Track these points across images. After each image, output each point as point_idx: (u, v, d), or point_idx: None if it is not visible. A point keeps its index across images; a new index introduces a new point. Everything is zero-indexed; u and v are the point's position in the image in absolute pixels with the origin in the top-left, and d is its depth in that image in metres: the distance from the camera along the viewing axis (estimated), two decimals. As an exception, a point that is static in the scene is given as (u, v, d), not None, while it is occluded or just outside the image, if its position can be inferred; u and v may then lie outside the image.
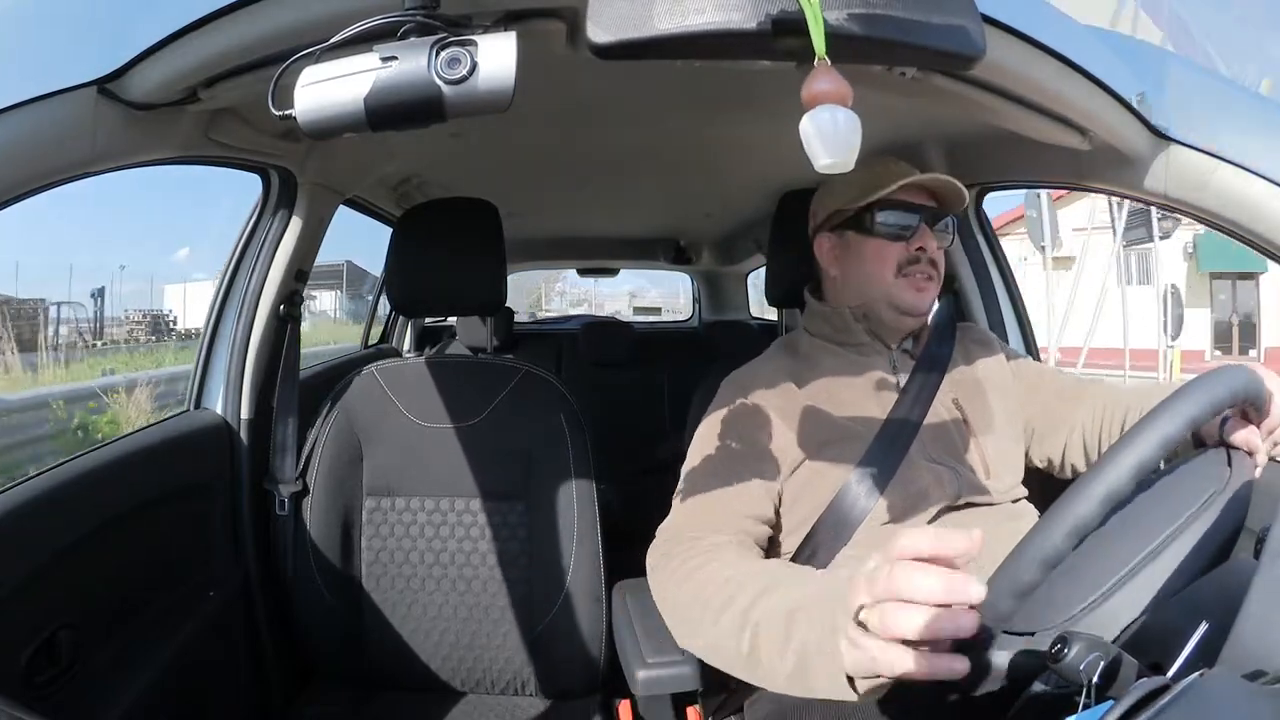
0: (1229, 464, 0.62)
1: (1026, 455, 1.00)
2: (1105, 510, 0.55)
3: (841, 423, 0.90)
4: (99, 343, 9.97)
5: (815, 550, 0.86)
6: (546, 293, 17.54)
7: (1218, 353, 12.98)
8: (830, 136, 0.48)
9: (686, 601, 0.73)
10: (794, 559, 0.87)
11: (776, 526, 0.90)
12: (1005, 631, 0.58)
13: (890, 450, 0.87)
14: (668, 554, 0.81)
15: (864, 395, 0.92)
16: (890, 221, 0.92)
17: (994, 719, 0.65)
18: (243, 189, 1.23)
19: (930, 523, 0.86)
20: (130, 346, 9.83)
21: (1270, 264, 0.78)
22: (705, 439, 0.94)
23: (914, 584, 0.48)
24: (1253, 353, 12.77)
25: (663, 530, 0.88)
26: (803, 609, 0.60)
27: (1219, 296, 13.41)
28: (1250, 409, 0.67)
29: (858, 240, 0.95)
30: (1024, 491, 0.94)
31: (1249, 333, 13.33)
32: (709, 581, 0.71)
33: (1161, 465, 0.61)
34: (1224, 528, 0.59)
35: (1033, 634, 0.60)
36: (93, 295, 10.81)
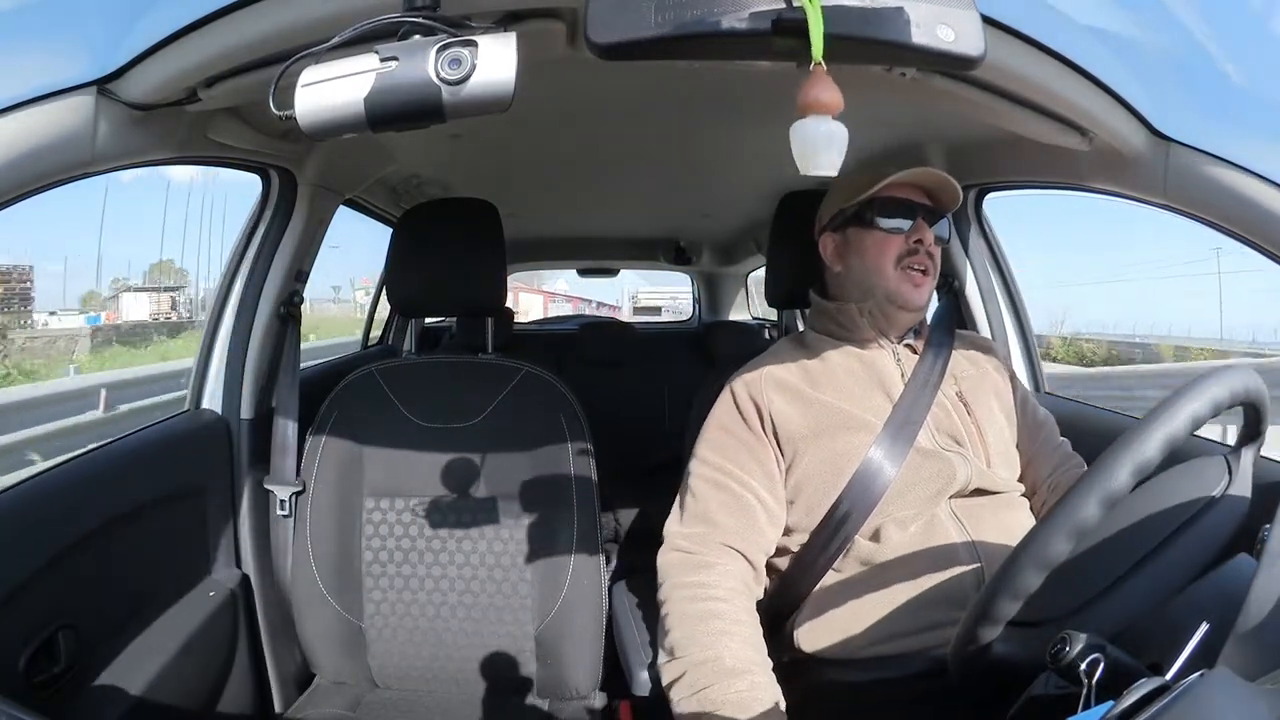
0: (1229, 471, 0.62)
1: None
2: (1104, 511, 0.55)
3: (851, 411, 0.92)
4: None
5: (846, 516, 0.88)
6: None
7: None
8: (817, 144, 0.49)
9: (688, 617, 0.83)
10: (823, 523, 0.89)
11: (792, 518, 0.92)
12: (1010, 623, 0.58)
13: (899, 436, 0.90)
14: (684, 556, 0.88)
15: (871, 385, 0.95)
16: (889, 215, 0.96)
17: (994, 719, 0.65)
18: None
19: (938, 507, 0.89)
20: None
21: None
22: (714, 434, 0.95)
23: None
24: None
25: (672, 535, 0.91)
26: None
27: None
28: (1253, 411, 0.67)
29: (858, 235, 0.98)
30: (1022, 487, 0.96)
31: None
32: (701, 620, 0.83)
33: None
34: (1221, 532, 0.59)
35: (1038, 625, 0.60)
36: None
